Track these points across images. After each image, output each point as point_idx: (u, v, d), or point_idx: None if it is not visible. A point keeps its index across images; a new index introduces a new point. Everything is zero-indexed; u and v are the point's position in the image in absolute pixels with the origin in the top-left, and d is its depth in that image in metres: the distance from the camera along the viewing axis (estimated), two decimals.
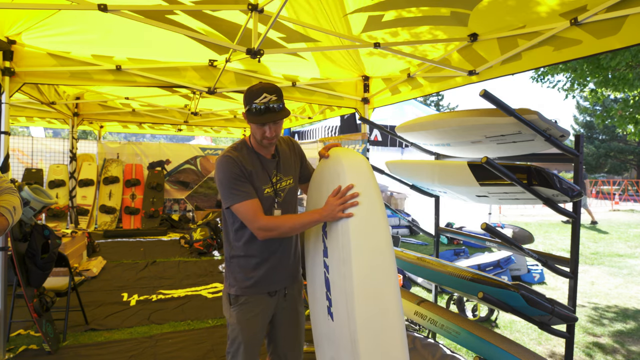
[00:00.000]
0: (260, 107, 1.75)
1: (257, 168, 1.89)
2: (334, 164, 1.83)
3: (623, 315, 4.58)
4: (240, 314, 1.91)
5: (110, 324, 3.82)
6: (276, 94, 1.78)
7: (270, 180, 1.92)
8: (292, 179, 2.01)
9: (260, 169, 1.90)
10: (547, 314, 2.17)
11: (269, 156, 1.94)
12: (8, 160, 3.25)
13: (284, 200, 1.95)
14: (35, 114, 7.50)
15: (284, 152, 2.02)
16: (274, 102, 1.77)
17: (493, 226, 2.18)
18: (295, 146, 2.10)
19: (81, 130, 10.25)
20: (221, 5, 2.83)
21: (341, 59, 4.04)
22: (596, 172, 31.23)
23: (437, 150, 3.28)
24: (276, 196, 1.92)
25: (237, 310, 1.91)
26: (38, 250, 3.15)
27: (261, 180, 1.89)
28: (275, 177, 1.94)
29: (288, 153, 2.04)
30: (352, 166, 1.77)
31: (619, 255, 7.99)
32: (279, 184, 1.95)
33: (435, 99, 32.50)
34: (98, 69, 3.86)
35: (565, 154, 2.30)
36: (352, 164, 1.78)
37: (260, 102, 1.75)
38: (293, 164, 2.04)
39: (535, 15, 2.52)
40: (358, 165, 1.78)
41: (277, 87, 1.82)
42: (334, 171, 1.81)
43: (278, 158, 1.98)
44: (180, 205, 10.20)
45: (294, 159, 2.06)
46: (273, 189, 1.92)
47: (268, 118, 1.76)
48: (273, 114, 1.77)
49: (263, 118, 1.76)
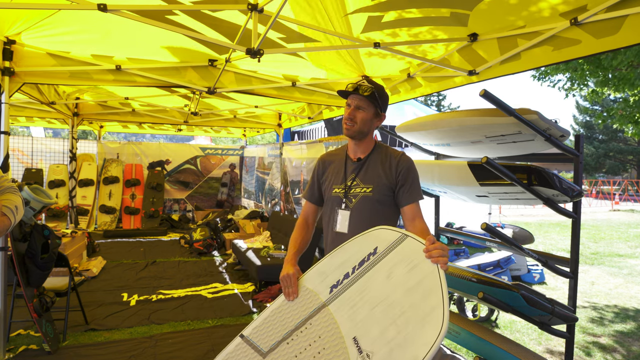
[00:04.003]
0: (350, 87, 1.89)
1: (337, 169, 1.97)
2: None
3: (623, 315, 4.58)
4: None
5: (110, 324, 3.82)
6: (373, 85, 1.89)
7: (344, 181, 1.93)
8: (372, 190, 1.87)
9: (340, 170, 1.96)
10: (547, 314, 2.17)
11: (354, 159, 1.96)
12: (8, 160, 3.25)
13: (355, 207, 1.88)
14: (35, 114, 7.49)
15: (373, 160, 1.92)
16: (365, 87, 1.86)
17: (493, 226, 2.18)
18: (397, 163, 1.90)
19: (81, 130, 10.25)
20: (221, 5, 2.83)
21: (341, 59, 4.04)
22: (595, 172, 31.24)
23: (437, 150, 3.28)
24: (345, 198, 1.90)
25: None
26: (38, 250, 3.15)
27: (335, 179, 1.96)
28: (351, 181, 1.92)
29: (379, 163, 1.91)
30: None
31: (619, 255, 7.99)
32: (353, 189, 1.90)
33: (436, 98, 32.50)
34: (98, 69, 3.86)
35: (565, 154, 2.30)
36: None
37: (353, 84, 1.89)
38: (380, 175, 1.89)
39: (535, 15, 2.52)
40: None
41: (381, 86, 1.94)
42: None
43: (362, 163, 1.93)
44: (180, 205, 10.20)
45: (385, 172, 1.89)
46: (344, 191, 1.91)
47: (353, 95, 1.89)
48: (355, 92, 1.87)
49: (350, 96, 1.90)
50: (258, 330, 1.74)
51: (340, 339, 1.55)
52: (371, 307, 1.53)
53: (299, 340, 1.64)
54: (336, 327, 1.58)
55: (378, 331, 1.47)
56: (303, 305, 1.71)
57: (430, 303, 1.42)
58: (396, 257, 1.57)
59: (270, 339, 1.70)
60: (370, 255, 1.64)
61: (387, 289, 1.53)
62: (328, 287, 1.68)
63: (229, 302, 4.53)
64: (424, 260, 1.51)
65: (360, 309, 1.56)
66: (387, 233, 1.65)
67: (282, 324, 1.71)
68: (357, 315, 1.55)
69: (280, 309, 1.76)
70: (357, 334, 1.52)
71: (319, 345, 1.58)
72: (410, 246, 1.57)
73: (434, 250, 1.47)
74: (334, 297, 1.65)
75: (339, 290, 1.65)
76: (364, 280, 1.61)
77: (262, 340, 1.71)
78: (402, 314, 1.45)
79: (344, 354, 1.51)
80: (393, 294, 1.51)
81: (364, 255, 1.65)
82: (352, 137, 1.93)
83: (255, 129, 9.73)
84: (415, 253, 1.54)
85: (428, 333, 1.36)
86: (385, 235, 1.65)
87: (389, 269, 1.56)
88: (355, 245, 1.70)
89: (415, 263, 1.52)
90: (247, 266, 5.25)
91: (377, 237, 1.66)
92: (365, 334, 1.50)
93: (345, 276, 1.66)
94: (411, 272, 1.51)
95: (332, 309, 1.63)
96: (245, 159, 10.79)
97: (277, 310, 1.76)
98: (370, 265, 1.62)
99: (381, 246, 1.62)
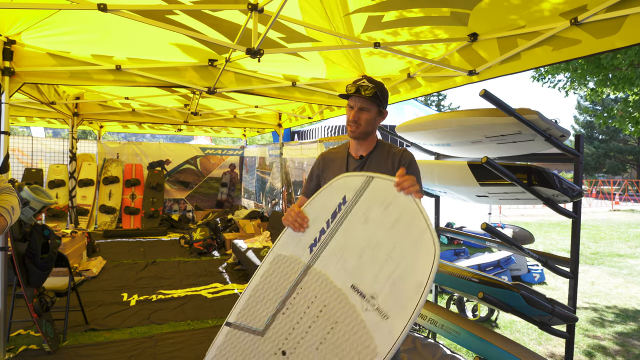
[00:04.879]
0: (351, 90, 1.85)
1: (339, 166, 1.94)
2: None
3: (623, 316, 4.58)
4: None
5: (110, 324, 3.82)
6: (374, 84, 1.85)
7: None
8: None
9: (342, 167, 1.94)
10: (547, 314, 2.17)
11: (357, 156, 1.96)
12: (8, 160, 3.25)
13: None
14: (35, 114, 7.49)
15: (377, 157, 1.94)
16: (366, 86, 1.83)
17: (493, 226, 2.18)
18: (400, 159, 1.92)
19: (81, 130, 10.25)
20: (221, 5, 2.83)
21: (341, 58, 4.04)
22: (595, 172, 31.26)
23: (437, 150, 3.28)
24: None
25: None
26: (38, 250, 3.15)
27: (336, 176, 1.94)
28: None
29: (382, 160, 1.93)
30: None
31: (619, 255, 7.99)
32: None
33: (436, 98, 32.51)
34: (98, 69, 3.86)
35: (566, 154, 2.30)
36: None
37: (354, 85, 1.85)
38: (384, 170, 1.87)
39: (535, 15, 2.52)
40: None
41: (381, 83, 1.90)
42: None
43: (364, 161, 1.94)
44: (180, 205, 10.20)
45: (388, 168, 1.90)
46: None
47: (355, 98, 1.85)
48: (358, 94, 1.83)
49: (352, 97, 1.86)
50: (245, 313, 1.69)
51: (338, 291, 1.53)
52: (358, 254, 1.52)
53: (295, 307, 1.61)
54: (329, 282, 1.56)
55: (374, 272, 1.47)
56: (286, 274, 1.66)
57: (417, 231, 1.43)
58: (368, 201, 1.56)
59: (262, 316, 1.65)
60: (341, 205, 1.61)
61: (368, 232, 1.53)
62: (307, 248, 1.64)
63: (229, 302, 4.53)
64: (396, 195, 1.51)
65: (349, 257, 1.53)
66: (352, 180, 1.62)
67: (270, 299, 1.66)
68: (347, 264, 1.53)
69: (260, 285, 1.69)
70: (354, 282, 1.50)
71: (318, 304, 1.56)
72: (379, 186, 1.56)
73: (404, 181, 1.50)
74: (315, 255, 1.62)
75: (319, 248, 1.61)
76: (343, 231, 1.58)
77: (254, 321, 1.66)
78: (392, 249, 1.46)
79: (347, 304, 1.49)
80: (376, 235, 1.51)
81: (334, 207, 1.62)
82: (357, 139, 1.93)
83: (255, 129, 9.73)
84: (385, 192, 1.54)
85: (423, 258, 1.39)
86: (351, 182, 1.62)
87: (363, 214, 1.55)
88: (323, 199, 1.66)
89: (389, 201, 1.52)
90: (247, 266, 5.25)
91: (342, 186, 1.63)
92: (361, 279, 1.49)
93: (321, 232, 1.63)
94: (387, 211, 1.51)
95: (318, 267, 1.60)
96: (245, 159, 10.79)
97: (258, 288, 1.70)
98: (344, 214, 1.59)
99: (349, 194, 1.60)
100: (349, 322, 1.47)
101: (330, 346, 1.48)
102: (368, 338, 1.41)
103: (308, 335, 1.54)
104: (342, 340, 1.46)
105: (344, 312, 1.49)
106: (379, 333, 1.39)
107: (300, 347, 1.55)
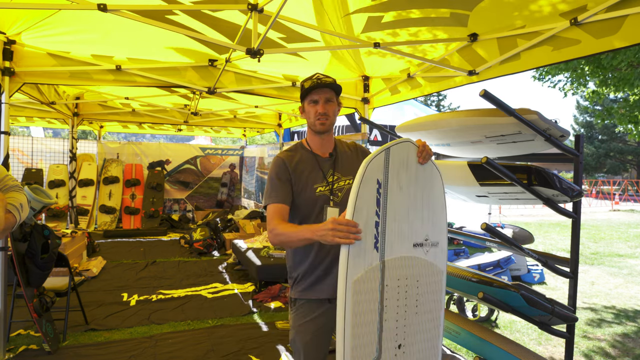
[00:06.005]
0: (311, 84, 1.84)
1: (311, 167, 1.90)
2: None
3: (623, 316, 4.58)
4: (295, 318, 1.90)
5: (110, 324, 3.82)
6: (329, 77, 1.86)
7: (325, 179, 1.90)
8: (353, 180, 1.84)
9: (315, 168, 1.90)
10: (547, 314, 2.17)
11: (325, 155, 1.94)
12: (8, 160, 3.25)
13: (342, 201, 1.88)
14: (35, 114, 7.50)
15: (344, 152, 1.98)
16: (325, 78, 1.84)
17: (493, 226, 2.18)
18: (362, 151, 2.02)
19: (81, 130, 10.25)
20: (221, 5, 2.83)
21: (341, 58, 4.04)
22: (595, 172, 31.26)
23: (437, 150, 3.28)
24: (332, 195, 1.89)
25: (294, 314, 1.91)
26: (38, 250, 3.15)
27: (314, 179, 1.89)
28: (331, 177, 1.91)
29: (349, 154, 1.99)
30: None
31: (619, 255, 7.99)
32: (336, 184, 1.92)
33: (436, 98, 32.51)
34: (98, 69, 3.86)
35: (565, 154, 2.30)
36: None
37: (311, 80, 1.85)
38: (355, 165, 1.83)
39: (535, 15, 2.53)
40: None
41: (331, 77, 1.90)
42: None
43: (335, 157, 1.94)
44: (180, 205, 10.20)
45: (358, 161, 1.86)
46: (329, 188, 1.90)
47: (318, 90, 1.84)
48: (322, 85, 1.84)
49: (314, 91, 1.84)
50: (355, 354, 1.57)
51: (408, 259, 1.69)
52: (406, 217, 1.69)
53: (391, 302, 1.64)
54: (401, 259, 1.67)
55: (420, 222, 1.72)
56: (366, 289, 1.59)
57: (428, 169, 1.75)
58: (394, 170, 1.67)
59: (371, 346, 1.59)
60: (379, 189, 1.63)
61: (405, 195, 1.69)
62: (373, 250, 1.60)
63: (229, 302, 4.53)
64: (407, 153, 1.70)
65: (402, 227, 1.68)
66: (375, 160, 1.64)
67: (368, 327, 1.59)
68: (403, 233, 1.68)
69: (353, 322, 1.56)
70: (414, 240, 1.71)
71: (409, 283, 1.69)
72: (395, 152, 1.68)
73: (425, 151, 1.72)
74: (382, 250, 1.61)
75: (381, 240, 1.61)
76: (390, 210, 1.65)
77: (366, 355, 1.58)
78: (422, 195, 1.74)
79: (417, 261, 1.71)
80: (410, 194, 1.71)
81: (375, 195, 1.62)
82: (326, 132, 1.91)
83: (255, 129, 9.73)
84: (400, 154, 1.69)
85: (437, 185, 1.78)
86: (376, 163, 1.64)
87: (397, 184, 1.68)
88: (363, 195, 1.59)
89: (406, 160, 1.70)
90: (247, 266, 5.25)
91: (372, 172, 1.62)
92: (416, 233, 1.71)
93: (376, 225, 1.60)
94: (409, 169, 1.71)
95: (389, 257, 1.63)
96: (245, 159, 10.79)
97: (354, 326, 1.56)
98: (385, 196, 1.64)
99: (380, 175, 1.64)
100: (423, 271, 1.72)
101: (424, 302, 1.74)
102: (434, 267, 1.76)
103: (409, 315, 1.70)
104: (426, 290, 1.74)
105: (419, 270, 1.71)
106: (438, 259, 1.76)
107: (408, 328, 1.70)
